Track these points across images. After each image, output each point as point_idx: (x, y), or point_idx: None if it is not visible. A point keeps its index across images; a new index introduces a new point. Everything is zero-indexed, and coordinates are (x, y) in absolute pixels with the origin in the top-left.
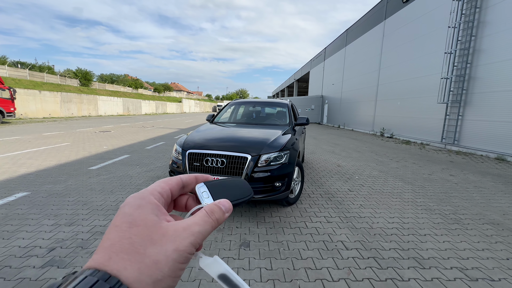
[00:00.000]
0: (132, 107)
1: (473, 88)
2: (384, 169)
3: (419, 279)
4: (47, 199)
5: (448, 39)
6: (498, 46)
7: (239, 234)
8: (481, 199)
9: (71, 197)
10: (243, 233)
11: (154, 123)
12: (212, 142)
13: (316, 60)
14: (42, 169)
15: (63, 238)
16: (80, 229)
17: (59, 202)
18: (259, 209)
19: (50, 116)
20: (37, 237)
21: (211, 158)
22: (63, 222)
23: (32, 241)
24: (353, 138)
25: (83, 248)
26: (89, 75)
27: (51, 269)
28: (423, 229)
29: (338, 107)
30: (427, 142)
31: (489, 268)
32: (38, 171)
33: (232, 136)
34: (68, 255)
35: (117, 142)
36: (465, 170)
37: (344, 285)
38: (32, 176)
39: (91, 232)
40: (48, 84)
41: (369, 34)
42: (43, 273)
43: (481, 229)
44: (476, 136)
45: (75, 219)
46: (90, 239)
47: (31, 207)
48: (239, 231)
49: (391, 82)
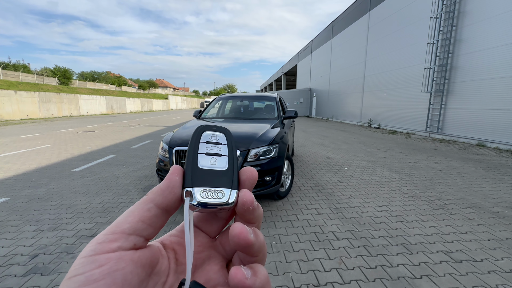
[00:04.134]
0: (116, 105)
1: (455, 77)
2: (372, 159)
3: (407, 264)
4: (27, 204)
5: (430, 30)
6: (477, 36)
7: None
8: (464, 184)
9: (53, 201)
10: None
11: (139, 121)
12: None
13: (304, 53)
14: (21, 173)
15: (46, 243)
16: (64, 233)
17: (40, 206)
18: None
19: (28, 118)
20: (18, 244)
21: None
22: (46, 227)
23: (13, 248)
24: (341, 130)
25: (68, 253)
26: (69, 73)
27: (34, 277)
28: (410, 216)
29: (326, 99)
30: (413, 131)
31: (472, 249)
32: (17, 175)
33: None
34: (52, 261)
35: (101, 142)
36: (449, 157)
37: (336, 274)
38: (11, 180)
39: (76, 236)
40: (24, 84)
41: (355, 25)
42: (26, 281)
43: (464, 213)
44: (458, 124)
45: (59, 223)
46: (76, 243)
47: (10, 213)
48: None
49: (377, 73)
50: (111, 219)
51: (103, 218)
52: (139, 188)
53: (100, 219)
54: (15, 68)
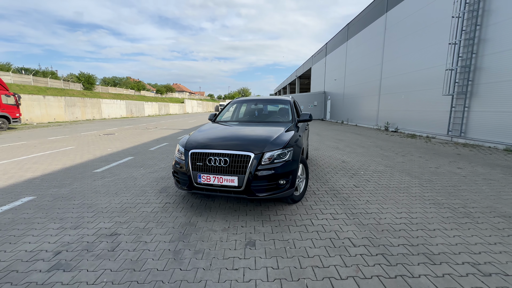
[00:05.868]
0: (135, 109)
1: (479, 78)
2: (390, 164)
3: (430, 275)
4: (52, 202)
5: (452, 30)
6: (504, 35)
7: (244, 234)
8: (491, 192)
9: (76, 200)
10: (248, 232)
11: (157, 124)
12: (215, 141)
13: (318, 56)
14: (47, 173)
15: (69, 241)
16: (85, 232)
17: (64, 205)
18: (263, 207)
19: (55, 121)
20: (43, 241)
21: (214, 157)
22: (69, 225)
23: (38, 245)
24: (357, 133)
25: (88, 251)
26: (92, 78)
27: (57, 272)
28: (432, 224)
29: (341, 102)
30: (433, 135)
31: (503, 262)
32: (44, 175)
33: (234, 135)
34: (73, 258)
35: (121, 144)
36: (473, 163)
37: (352, 283)
38: (38, 180)
39: (96, 235)
40: (52, 89)
41: (371, 27)
42: (49, 277)
43: (492, 223)
44: (483, 127)
45: (81, 222)
46: (96, 241)
47: (36, 211)
48: (244, 230)
49: (394, 76)
50: (128, 219)
51: (122, 218)
52: (156, 189)
53: (118, 218)
54: (44, 75)
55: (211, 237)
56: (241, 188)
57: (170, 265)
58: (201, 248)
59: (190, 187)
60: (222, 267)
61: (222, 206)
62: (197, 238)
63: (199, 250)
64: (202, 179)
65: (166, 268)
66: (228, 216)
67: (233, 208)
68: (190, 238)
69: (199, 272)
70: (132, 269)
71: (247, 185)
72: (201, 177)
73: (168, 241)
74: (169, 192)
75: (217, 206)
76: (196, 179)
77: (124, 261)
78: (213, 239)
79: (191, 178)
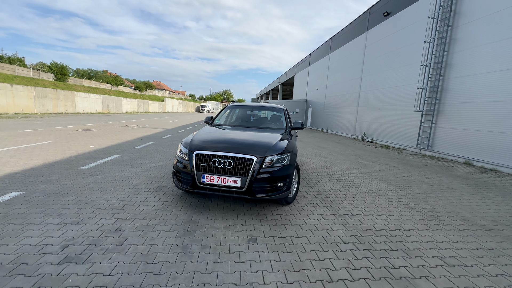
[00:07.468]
0: (112, 104)
1: (445, 98)
2: (368, 172)
3: (408, 266)
4: (44, 198)
5: (424, 53)
6: (466, 62)
7: (245, 231)
8: (454, 199)
9: (69, 197)
10: (249, 229)
11: (137, 122)
12: (219, 144)
13: (301, 65)
14: (29, 168)
15: (73, 236)
16: (88, 227)
17: (58, 201)
18: (259, 208)
19: (22, 112)
20: (46, 236)
21: (219, 159)
22: (69, 221)
23: (42, 239)
24: (336, 142)
25: (96, 245)
26: (66, 69)
27: (69, 265)
28: (407, 225)
29: (321, 111)
30: (404, 147)
31: (463, 256)
32: (26, 170)
33: (237, 139)
34: (83, 252)
35: (103, 141)
36: (439, 173)
37: (345, 273)
38: (21, 175)
39: (100, 230)
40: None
41: (353, 43)
42: (63, 269)
43: (455, 225)
44: (447, 142)
45: (80, 218)
46: (101, 236)
47: (29, 206)
48: (245, 228)
49: (372, 90)
50: (130, 216)
51: (122, 215)
52: (151, 188)
53: (119, 215)
54: (10, 61)
55: (214, 234)
56: (243, 188)
57: (181, 258)
58: (207, 243)
59: (193, 187)
60: (230, 260)
61: (220, 205)
62: (201, 235)
63: (206, 245)
64: (206, 179)
65: (177, 261)
66: (228, 215)
67: (231, 208)
68: (195, 234)
69: (209, 264)
70: (144, 261)
71: (249, 186)
72: (205, 177)
73: (174, 237)
74: (165, 191)
75: (215, 205)
76: (200, 179)
77: (135, 254)
78: (217, 235)
79: (194, 178)
